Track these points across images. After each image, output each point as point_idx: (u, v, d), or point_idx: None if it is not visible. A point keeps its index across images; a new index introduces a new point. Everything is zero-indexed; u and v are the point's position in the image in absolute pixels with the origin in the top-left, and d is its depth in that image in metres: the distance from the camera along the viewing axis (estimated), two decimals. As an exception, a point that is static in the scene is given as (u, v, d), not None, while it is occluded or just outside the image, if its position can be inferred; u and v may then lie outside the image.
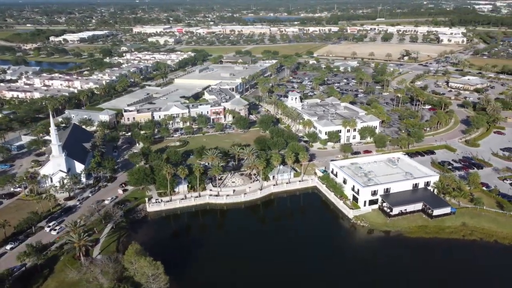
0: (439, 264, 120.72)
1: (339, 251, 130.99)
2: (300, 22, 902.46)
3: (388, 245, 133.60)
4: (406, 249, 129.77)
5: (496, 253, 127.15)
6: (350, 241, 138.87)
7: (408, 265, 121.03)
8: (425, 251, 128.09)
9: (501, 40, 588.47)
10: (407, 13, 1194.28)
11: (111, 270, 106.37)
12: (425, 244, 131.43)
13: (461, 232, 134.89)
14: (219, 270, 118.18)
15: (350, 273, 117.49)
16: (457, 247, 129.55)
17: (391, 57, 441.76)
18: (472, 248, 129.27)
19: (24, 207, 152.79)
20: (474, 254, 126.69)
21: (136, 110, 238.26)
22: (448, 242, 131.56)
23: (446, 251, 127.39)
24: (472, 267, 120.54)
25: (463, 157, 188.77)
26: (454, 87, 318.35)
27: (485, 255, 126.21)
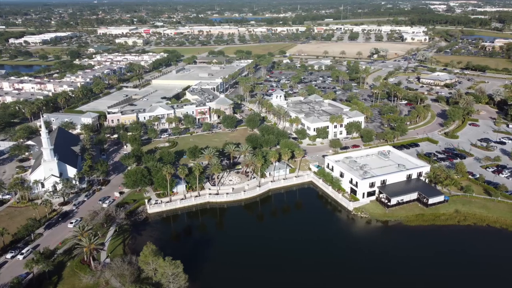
0: (441, 249, 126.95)
1: (345, 242, 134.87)
2: (267, 22, 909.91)
3: (391, 234, 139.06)
4: (408, 237, 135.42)
5: (489, 236, 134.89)
6: (353, 232, 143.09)
7: (413, 251, 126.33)
8: (425, 238, 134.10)
9: (460, 38, 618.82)
10: (368, 13, 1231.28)
11: (127, 272, 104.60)
12: (424, 231, 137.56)
13: (455, 219, 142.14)
14: (230, 266, 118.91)
15: (360, 261, 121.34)
16: (454, 232, 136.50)
17: (361, 55, 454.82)
18: (467, 232, 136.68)
19: (16, 214, 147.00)
20: (470, 238, 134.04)
21: (120, 112, 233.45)
22: (445, 229, 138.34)
23: (444, 237, 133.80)
24: (469, 250, 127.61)
25: (446, 149, 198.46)
26: (425, 83, 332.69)
27: (480, 238, 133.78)
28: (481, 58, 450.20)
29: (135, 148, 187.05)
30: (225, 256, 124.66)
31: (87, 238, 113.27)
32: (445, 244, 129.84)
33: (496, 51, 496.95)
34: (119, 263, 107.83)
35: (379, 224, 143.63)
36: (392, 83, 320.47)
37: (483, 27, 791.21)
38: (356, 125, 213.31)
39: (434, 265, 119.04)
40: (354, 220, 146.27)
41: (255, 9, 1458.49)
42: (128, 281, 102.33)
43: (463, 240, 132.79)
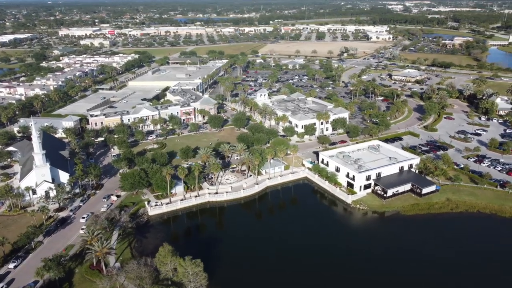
0: (440, 235, 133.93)
1: (348, 233, 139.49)
2: (233, 23, 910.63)
3: (391, 224, 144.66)
4: (407, 226, 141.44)
5: (480, 221, 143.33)
6: (355, 223, 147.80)
7: (415, 239, 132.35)
8: (424, 226, 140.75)
9: (421, 37, 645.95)
10: (330, 13, 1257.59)
11: (146, 274, 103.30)
12: (421, 220, 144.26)
13: (448, 207, 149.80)
14: (240, 265, 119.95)
15: (366, 251, 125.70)
16: (449, 219, 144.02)
17: (332, 54, 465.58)
18: (461, 219, 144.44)
19: (10, 223, 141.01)
20: (464, 224, 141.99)
21: (104, 115, 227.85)
22: (440, 216, 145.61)
23: (441, 224, 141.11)
24: (466, 234, 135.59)
25: (428, 141, 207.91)
26: (397, 80, 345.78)
27: (473, 224, 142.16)
28: (444, 55, 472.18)
29: (126, 150, 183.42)
30: (233, 255, 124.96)
31: (100, 242, 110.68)
32: (443, 231, 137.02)
33: (457, 48, 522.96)
34: (135, 266, 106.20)
35: (377, 215, 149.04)
36: (366, 80, 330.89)
37: (440, 26, 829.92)
38: (342, 122, 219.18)
39: (437, 250, 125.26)
40: (353, 212, 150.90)
41: (219, 10, 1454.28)
42: (148, 283, 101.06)
43: (459, 226, 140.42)
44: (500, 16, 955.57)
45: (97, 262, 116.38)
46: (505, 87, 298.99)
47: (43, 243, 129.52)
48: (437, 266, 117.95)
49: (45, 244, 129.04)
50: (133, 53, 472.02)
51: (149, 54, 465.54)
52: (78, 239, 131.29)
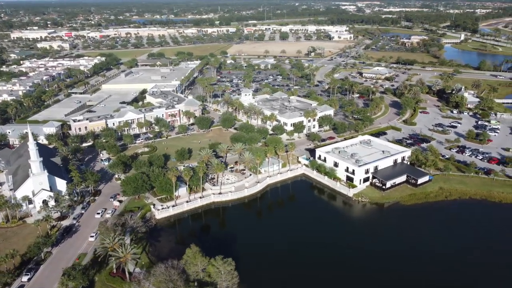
0: (441, 221, 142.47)
1: (355, 224, 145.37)
2: (193, 24, 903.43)
3: (393, 214, 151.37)
4: (409, 214, 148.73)
5: (473, 207, 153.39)
6: (359, 215, 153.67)
7: (420, 226, 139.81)
8: (424, 214, 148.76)
9: (380, 36, 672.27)
10: (287, 13, 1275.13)
11: (177, 277, 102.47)
12: (421, 208, 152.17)
13: (442, 195, 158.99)
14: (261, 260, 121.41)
15: (373, 239, 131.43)
16: (445, 206, 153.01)
17: (301, 53, 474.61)
18: (456, 205, 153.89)
19: (10, 235, 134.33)
20: (461, 210, 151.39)
21: (87, 119, 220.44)
22: (437, 204, 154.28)
23: (439, 211, 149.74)
24: (461, 219, 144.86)
25: (411, 134, 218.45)
26: (368, 77, 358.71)
27: (468, 209, 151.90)
28: (404, 53, 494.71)
29: (120, 155, 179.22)
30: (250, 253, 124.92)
31: (123, 247, 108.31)
32: (443, 217, 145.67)
33: (415, 46, 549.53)
34: (163, 269, 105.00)
35: (379, 206, 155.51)
36: (340, 79, 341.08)
37: (395, 25, 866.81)
38: (328, 119, 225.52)
39: (441, 236, 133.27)
40: (356, 205, 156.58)
41: (175, 11, 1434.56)
42: (181, 285, 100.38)
43: (456, 212, 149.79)
44: (448, 16, 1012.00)
45: (117, 268, 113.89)
46: (466, 82, 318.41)
47: (52, 253, 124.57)
48: (446, 249, 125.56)
49: (54, 254, 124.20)
50: (98, 55, 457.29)
51: (115, 56, 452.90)
52: (88, 247, 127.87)
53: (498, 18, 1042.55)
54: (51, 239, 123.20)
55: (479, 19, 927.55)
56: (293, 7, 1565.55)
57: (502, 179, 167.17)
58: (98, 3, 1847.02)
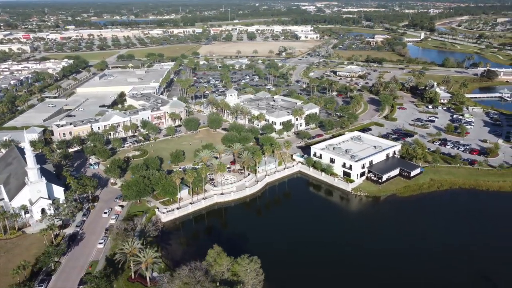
0: (438, 210, 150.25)
1: (358, 216, 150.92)
2: (157, 25, 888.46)
3: (392, 205, 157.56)
4: (407, 205, 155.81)
5: (464, 195, 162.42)
6: (360, 208, 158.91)
7: (419, 215, 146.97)
8: (421, 204, 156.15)
9: (346, 35, 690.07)
10: (248, 14, 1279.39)
11: (203, 278, 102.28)
12: (416, 199, 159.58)
13: (434, 186, 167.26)
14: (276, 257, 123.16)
15: (376, 231, 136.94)
16: (439, 196, 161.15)
17: (272, 53, 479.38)
18: (448, 195, 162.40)
19: (11, 246, 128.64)
20: (453, 199, 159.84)
21: (70, 124, 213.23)
22: (431, 195, 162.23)
23: (435, 201, 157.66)
24: (455, 207, 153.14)
25: (394, 130, 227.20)
26: (342, 76, 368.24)
27: (461, 198, 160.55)
28: (371, 51, 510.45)
29: (115, 159, 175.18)
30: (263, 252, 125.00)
31: (145, 252, 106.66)
32: (439, 206, 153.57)
33: (380, 45, 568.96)
34: (187, 271, 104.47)
35: (377, 199, 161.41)
36: (315, 78, 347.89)
37: (357, 25, 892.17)
38: (315, 117, 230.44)
39: (440, 223, 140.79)
40: (356, 199, 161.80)
41: (135, 11, 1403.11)
42: (210, 286, 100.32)
43: (450, 201, 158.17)
44: (405, 15, 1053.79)
45: (134, 273, 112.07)
46: (435, 79, 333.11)
47: (61, 263, 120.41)
48: (449, 234, 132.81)
49: (64, 264, 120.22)
50: (65, 58, 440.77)
51: (84, 59, 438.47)
52: (98, 254, 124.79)
53: (451, 18, 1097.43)
54: (62, 248, 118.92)
55: (434, 18, 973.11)
56: (254, 8, 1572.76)
57: (486, 168, 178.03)
58: (51, 4, 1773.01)
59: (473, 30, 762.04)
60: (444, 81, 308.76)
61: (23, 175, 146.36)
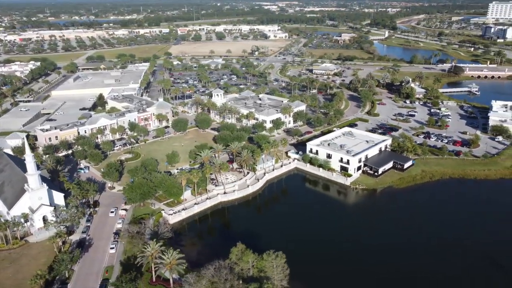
0: (434, 199, 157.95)
1: (361, 208, 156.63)
2: (121, 25, 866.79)
3: (391, 196, 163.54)
4: (404, 196, 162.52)
5: (454, 184, 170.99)
6: (360, 201, 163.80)
7: (416, 205, 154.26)
8: (417, 194, 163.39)
9: (314, 34, 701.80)
10: (212, 13, 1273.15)
11: (230, 276, 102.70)
12: (412, 190, 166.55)
13: (427, 177, 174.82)
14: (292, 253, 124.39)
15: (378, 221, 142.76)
16: (433, 186, 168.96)
17: (246, 52, 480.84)
18: (441, 185, 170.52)
19: (16, 257, 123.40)
20: (446, 188, 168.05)
21: (54, 127, 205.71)
22: (425, 186, 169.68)
23: (429, 191, 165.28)
24: (448, 197, 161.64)
25: (379, 124, 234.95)
26: (318, 74, 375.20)
27: (453, 187, 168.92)
28: (342, 50, 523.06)
29: (111, 162, 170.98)
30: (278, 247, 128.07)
31: (169, 253, 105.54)
32: (435, 196, 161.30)
33: (347, 43, 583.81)
34: (212, 271, 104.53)
35: (375, 191, 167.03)
36: (292, 76, 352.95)
37: (321, 24, 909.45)
38: (303, 114, 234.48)
39: (438, 211, 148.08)
40: (355, 192, 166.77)
41: (94, 11, 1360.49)
42: (239, 284, 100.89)
43: (443, 190, 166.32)
44: (365, 14, 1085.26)
45: (156, 276, 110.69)
46: (406, 75, 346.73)
47: (74, 270, 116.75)
48: (448, 218, 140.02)
49: (77, 271, 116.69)
50: (30, 60, 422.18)
51: (51, 61, 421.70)
52: (112, 259, 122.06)
53: (409, 16, 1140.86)
54: (76, 255, 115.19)
55: (395, 17, 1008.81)
56: (217, 7, 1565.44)
57: (471, 158, 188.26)
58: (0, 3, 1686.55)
59: (431, 28, 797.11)
60: (418, 77, 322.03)
61: (20, 182, 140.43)
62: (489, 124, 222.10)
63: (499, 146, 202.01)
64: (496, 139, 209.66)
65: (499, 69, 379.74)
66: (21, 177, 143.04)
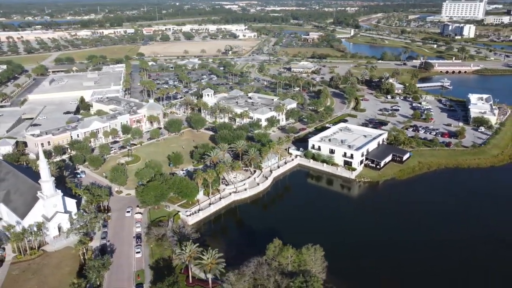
0: (436, 188, 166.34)
1: (370, 200, 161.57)
2: (81, 25, 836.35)
3: (395, 187, 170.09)
4: (408, 186, 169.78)
5: (450, 174, 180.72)
6: (369, 193, 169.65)
7: (420, 194, 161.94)
8: (419, 184, 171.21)
9: (282, 33, 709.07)
10: (172, 13, 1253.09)
11: (271, 272, 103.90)
12: (413, 181, 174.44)
13: (424, 168, 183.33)
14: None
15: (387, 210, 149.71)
16: (431, 176, 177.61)
17: (220, 52, 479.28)
18: (438, 174, 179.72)
19: (37, 267, 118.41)
20: (444, 177, 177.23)
21: (45, 132, 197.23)
22: (424, 176, 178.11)
23: (429, 181, 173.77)
24: (446, 185, 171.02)
25: (367, 120, 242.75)
26: (296, 72, 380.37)
27: (450, 176, 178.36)
28: (312, 48, 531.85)
29: (116, 166, 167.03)
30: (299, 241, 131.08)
31: (210, 254, 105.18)
32: (435, 185, 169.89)
33: (316, 42, 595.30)
34: (253, 268, 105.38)
35: (381, 183, 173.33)
36: (273, 74, 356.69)
37: (286, 23, 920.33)
38: (296, 111, 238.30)
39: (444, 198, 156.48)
40: (361, 185, 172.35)
41: (48, 11, 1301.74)
42: (282, 278, 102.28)
43: (442, 179, 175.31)
44: (327, 13, 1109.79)
45: (192, 277, 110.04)
46: (381, 71, 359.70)
47: (105, 277, 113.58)
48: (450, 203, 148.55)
49: (107, 278, 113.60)
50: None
51: (17, 63, 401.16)
52: (140, 263, 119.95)
53: (368, 15, 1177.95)
54: (108, 261, 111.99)
55: (355, 16, 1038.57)
56: (176, 7, 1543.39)
57: (461, 149, 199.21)
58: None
59: (392, 26, 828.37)
60: (394, 73, 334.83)
61: (29, 189, 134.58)
62: (471, 116, 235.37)
63: (482, 136, 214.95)
64: (479, 130, 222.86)
65: (465, 64, 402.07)
66: (29, 184, 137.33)
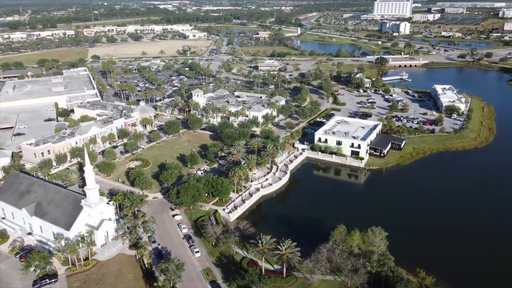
0: (436, 171, 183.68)
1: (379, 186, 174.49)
2: (9, 27, 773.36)
3: (401, 172, 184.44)
4: (413, 170, 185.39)
5: (444, 158, 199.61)
6: (381, 179, 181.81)
7: (424, 177, 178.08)
8: (421, 168, 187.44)
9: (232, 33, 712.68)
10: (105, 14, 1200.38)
11: (339, 258, 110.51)
12: (415, 165, 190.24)
13: (420, 153, 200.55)
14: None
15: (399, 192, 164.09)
16: (428, 161, 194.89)
17: (178, 52, 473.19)
18: (433, 159, 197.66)
19: (97, 278, 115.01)
20: (436, 163, 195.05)
21: (42, 142, 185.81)
22: (421, 160, 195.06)
23: (428, 164, 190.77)
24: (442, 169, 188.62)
25: (352, 113, 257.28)
26: (264, 70, 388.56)
27: (445, 160, 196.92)
28: (267, 47, 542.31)
29: (136, 171, 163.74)
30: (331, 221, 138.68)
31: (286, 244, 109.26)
32: (435, 169, 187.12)
33: (267, 41, 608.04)
34: (325, 254, 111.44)
35: (387, 169, 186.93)
36: (245, 73, 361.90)
37: (229, 23, 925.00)
38: (287, 107, 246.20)
39: (440, 181, 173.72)
40: (372, 173, 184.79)
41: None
42: (355, 261, 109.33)
43: (441, 162, 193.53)
44: (268, 13, 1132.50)
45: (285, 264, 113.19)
46: (345, 67, 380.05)
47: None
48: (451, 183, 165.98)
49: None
50: None
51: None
52: (203, 263, 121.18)
53: (304, 14, 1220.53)
54: (181, 262, 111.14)
55: (293, 15, 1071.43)
56: (106, 7, 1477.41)
57: (445, 134, 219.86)
58: None
59: (331, 24, 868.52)
60: (360, 68, 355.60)
61: (64, 199, 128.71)
62: (442, 105, 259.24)
63: (457, 123, 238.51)
64: (453, 117, 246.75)
65: (415, 59, 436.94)
66: (64, 193, 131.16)
